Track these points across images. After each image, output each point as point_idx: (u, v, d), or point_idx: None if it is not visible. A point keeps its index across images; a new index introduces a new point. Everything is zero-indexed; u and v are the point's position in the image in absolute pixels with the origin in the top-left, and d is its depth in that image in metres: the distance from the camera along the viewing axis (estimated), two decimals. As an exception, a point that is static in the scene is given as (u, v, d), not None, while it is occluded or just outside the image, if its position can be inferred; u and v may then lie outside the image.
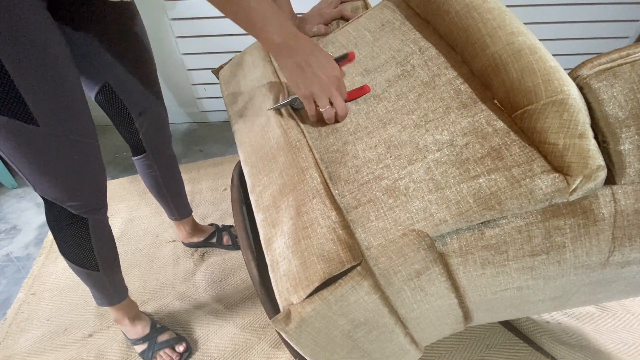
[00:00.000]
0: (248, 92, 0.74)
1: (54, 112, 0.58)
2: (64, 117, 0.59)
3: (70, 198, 0.69)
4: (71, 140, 0.62)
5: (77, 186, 0.68)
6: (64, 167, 0.64)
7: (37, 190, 0.67)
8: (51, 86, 0.56)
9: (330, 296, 0.43)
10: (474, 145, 0.47)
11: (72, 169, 0.65)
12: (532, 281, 0.50)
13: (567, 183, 0.42)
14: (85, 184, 0.69)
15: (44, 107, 0.56)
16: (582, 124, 0.42)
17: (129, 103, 0.82)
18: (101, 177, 0.72)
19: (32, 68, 0.53)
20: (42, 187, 0.66)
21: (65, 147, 0.62)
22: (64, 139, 0.61)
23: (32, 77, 0.54)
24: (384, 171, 0.50)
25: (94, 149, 0.68)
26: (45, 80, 0.55)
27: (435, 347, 0.96)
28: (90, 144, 0.66)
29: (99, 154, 0.70)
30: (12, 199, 1.50)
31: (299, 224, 0.48)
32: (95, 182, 0.71)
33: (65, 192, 0.67)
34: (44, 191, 0.67)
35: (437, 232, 0.45)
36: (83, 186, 0.69)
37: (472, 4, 0.53)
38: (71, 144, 0.62)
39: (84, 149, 0.65)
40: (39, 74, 0.54)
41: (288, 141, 0.58)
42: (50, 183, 0.64)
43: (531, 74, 0.45)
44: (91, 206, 0.73)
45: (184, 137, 1.82)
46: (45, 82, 0.55)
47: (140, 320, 1.01)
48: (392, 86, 0.58)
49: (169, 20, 1.52)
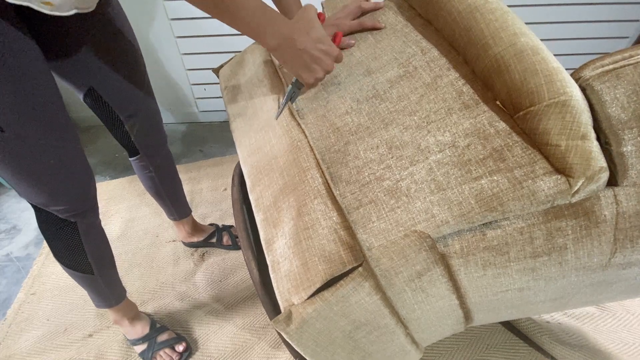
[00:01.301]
0: (248, 91, 0.74)
1: (18, 117, 0.56)
2: (30, 122, 0.58)
3: (54, 202, 0.68)
4: (43, 145, 0.61)
5: (58, 190, 0.67)
6: (40, 172, 0.62)
7: (21, 195, 0.66)
8: (13, 91, 0.55)
9: (331, 297, 0.43)
10: (476, 146, 0.47)
11: (49, 173, 0.64)
12: (533, 282, 0.50)
13: (569, 184, 0.42)
14: (68, 188, 0.68)
15: (6, 112, 0.55)
16: (584, 126, 0.42)
17: (117, 106, 0.80)
18: (85, 180, 0.71)
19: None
20: (22, 191, 0.65)
21: (36, 152, 0.60)
22: (33, 144, 0.59)
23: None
24: (385, 172, 0.49)
25: (73, 152, 0.66)
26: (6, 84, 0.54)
27: (435, 347, 0.96)
28: (68, 147, 0.65)
29: (81, 157, 0.69)
30: (12, 199, 1.50)
31: (300, 224, 0.48)
32: (79, 186, 0.70)
33: (47, 197, 0.66)
34: (27, 196, 0.66)
35: (439, 233, 0.45)
36: (65, 190, 0.68)
37: (475, 5, 0.53)
38: (43, 148, 0.61)
39: (60, 153, 0.64)
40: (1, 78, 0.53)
41: (289, 141, 0.58)
42: (29, 188, 0.64)
43: (533, 75, 0.45)
44: (78, 210, 0.72)
45: (184, 137, 1.82)
46: (7, 86, 0.54)
47: (140, 320, 1.01)
48: (394, 87, 0.58)
49: (169, 20, 1.51)
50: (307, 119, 0.61)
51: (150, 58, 0.75)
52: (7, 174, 0.61)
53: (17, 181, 0.63)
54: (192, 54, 1.64)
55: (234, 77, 0.80)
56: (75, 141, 0.67)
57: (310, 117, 0.61)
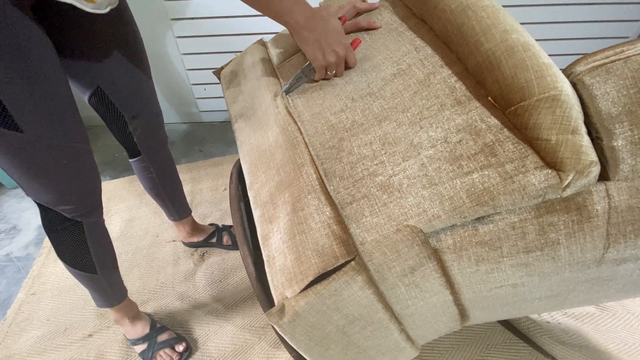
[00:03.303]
0: (248, 92, 0.75)
1: (38, 118, 0.57)
2: (48, 123, 0.59)
3: (62, 202, 0.68)
4: (58, 146, 0.62)
5: (68, 190, 0.68)
6: (52, 172, 0.63)
7: (29, 194, 0.67)
8: (34, 92, 0.55)
9: (324, 290, 0.43)
10: (467, 141, 0.47)
11: (61, 173, 0.64)
12: (526, 278, 0.50)
13: (560, 179, 0.42)
14: (77, 188, 0.69)
15: (27, 113, 0.55)
16: (575, 120, 0.43)
17: (122, 107, 0.81)
18: (93, 180, 0.72)
19: (14, 73, 0.53)
20: (32, 191, 0.66)
21: (52, 152, 0.61)
22: (50, 144, 0.60)
23: (14, 83, 0.53)
24: (378, 167, 0.50)
25: (84, 153, 0.67)
26: (27, 85, 0.54)
27: (435, 347, 0.95)
28: (79, 148, 0.66)
29: (90, 157, 0.70)
30: (12, 199, 1.51)
31: (295, 219, 0.48)
32: (87, 186, 0.71)
33: (56, 196, 0.67)
34: (35, 196, 0.67)
35: (431, 227, 0.45)
36: (74, 190, 0.69)
37: (467, 3, 0.53)
38: (58, 149, 0.62)
39: (73, 153, 0.65)
40: (21, 79, 0.54)
41: (285, 138, 0.59)
42: (40, 187, 0.64)
43: (524, 70, 0.45)
44: (84, 209, 0.73)
45: (184, 137, 1.82)
46: (28, 87, 0.55)
47: (140, 320, 1.01)
48: (387, 84, 0.58)
49: (169, 20, 1.52)
50: (304, 117, 0.61)
51: (151, 58, 0.76)
52: (19, 173, 0.61)
53: (28, 181, 0.63)
54: (192, 54, 1.65)
55: (234, 78, 0.81)
56: (86, 141, 0.68)
57: (307, 115, 0.61)
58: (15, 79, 0.53)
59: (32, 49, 0.54)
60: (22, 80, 0.54)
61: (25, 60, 0.54)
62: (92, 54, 0.71)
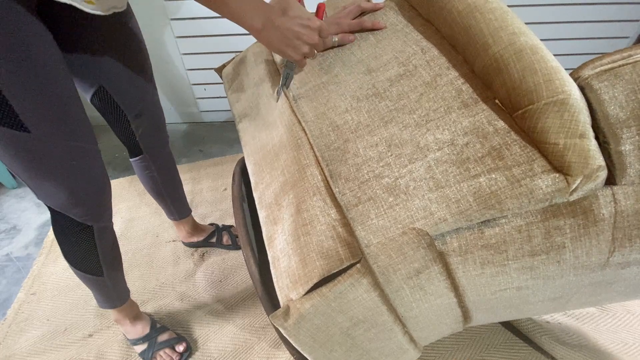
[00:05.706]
0: (251, 90, 0.74)
1: (45, 117, 0.57)
2: (56, 123, 0.58)
3: (73, 204, 0.68)
4: (66, 146, 0.61)
5: (78, 192, 0.67)
6: (61, 172, 0.63)
7: (40, 198, 0.66)
8: (40, 91, 0.55)
9: (329, 293, 0.43)
10: (474, 144, 0.47)
11: (70, 174, 0.64)
12: (531, 281, 0.50)
13: (567, 183, 0.42)
14: (87, 189, 0.68)
15: (33, 113, 0.55)
16: (582, 124, 0.42)
17: (125, 106, 0.81)
18: (103, 182, 0.71)
19: (20, 73, 0.52)
20: (43, 194, 0.65)
21: (61, 153, 0.61)
22: (58, 145, 0.60)
23: (20, 83, 0.52)
24: (384, 169, 0.50)
25: (93, 154, 0.67)
26: (33, 85, 0.54)
27: (435, 346, 0.96)
28: (88, 148, 0.65)
29: (99, 158, 0.69)
30: (12, 199, 1.50)
31: (299, 220, 0.48)
32: (97, 187, 0.70)
33: (66, 198, 0.66)
34: (47, 199, 0.66)
35: (437, 230, 0.45)
36: (84, 191, 0.68)
37: (475, 4, 0.53)
38: (67, 149, 0.61)
39: (81, 153, 0.64)
40: (27, 79, 0.53)
41: (290, 139, 0.58)
42: (50, 189, 0.64)
43: (532, 73, 0.45)
44: (95, 212, 0.72)
45: (184, 137, 1.82)
46: (33, 87, 0.54)
47: (141, 320, 1.00)
48: (393, 85, 0.58)
49: (169, 20, 1.52)
50: (308, 117, 0.61)
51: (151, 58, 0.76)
52: (29, 175, 0.61)
53: (38, 183, 0.63)
54: (192, 54, 1.64)
55: (237, 77, 0.81)
56: (94, 141, 0.67)
57: (311, 115, 0.61)
58: (21, 78, 0.52)
59: (38, 47, 0.54)
60: (28, 79, 0.53)
61: (31, 59, 0.53)
62: (96, 53, 0.71)
